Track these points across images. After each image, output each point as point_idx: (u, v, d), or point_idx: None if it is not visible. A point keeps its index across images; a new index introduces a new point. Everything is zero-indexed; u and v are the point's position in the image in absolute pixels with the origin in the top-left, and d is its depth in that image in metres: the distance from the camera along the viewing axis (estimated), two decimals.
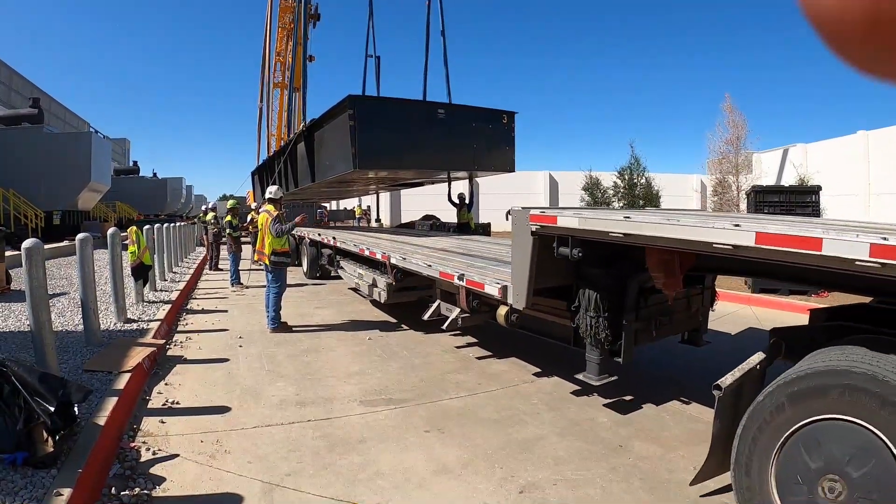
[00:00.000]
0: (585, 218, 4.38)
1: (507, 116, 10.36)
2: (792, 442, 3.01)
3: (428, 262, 7.04)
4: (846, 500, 2.77)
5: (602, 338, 4.94)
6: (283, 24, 20.71)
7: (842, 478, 2.79)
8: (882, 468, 2.64)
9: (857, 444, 2.75)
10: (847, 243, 2.82)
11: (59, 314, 8.56)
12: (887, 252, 2.66)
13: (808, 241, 2.97)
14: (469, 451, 4.43)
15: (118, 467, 4.08)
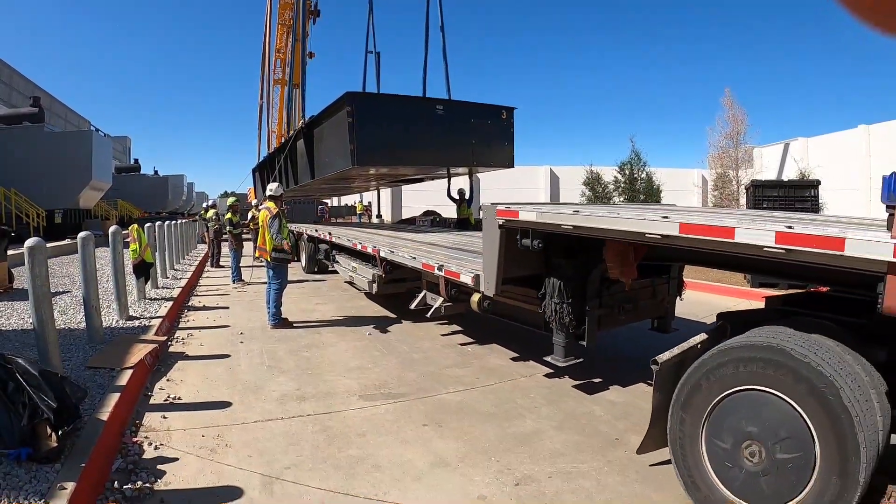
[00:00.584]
0: (542, 212, 4.81)
1: (506, 112, 10.38)
2: (717, 412, 3.33)
3: (413, 254, 7.51)
4: (765, 463, 3.09)
5: (566, 322, 5.31)
6: (282, 20, 20.71)
7: (760, 443, 3.11)
8: (793, 432, 2.95)
9: (772, 412, 3.06)
10: (756, 231, 3.19)
11: (62, 312, 8.61)
12: (790, 239, 3.01)
13: (723, 230, 3.35)
14: (467, 444, 4.49)
15: (121, 462, 4.13)
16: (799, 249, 3.00)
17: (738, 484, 3.25)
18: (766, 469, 3.11)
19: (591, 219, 4.34)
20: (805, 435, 2.93)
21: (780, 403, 3.04)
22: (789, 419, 3.00)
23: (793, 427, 2.98)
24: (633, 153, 24.74)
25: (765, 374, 3.09)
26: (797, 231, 3.00)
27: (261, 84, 22.55)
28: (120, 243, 8.78)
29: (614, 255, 4.88)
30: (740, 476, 3.23)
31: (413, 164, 10.27)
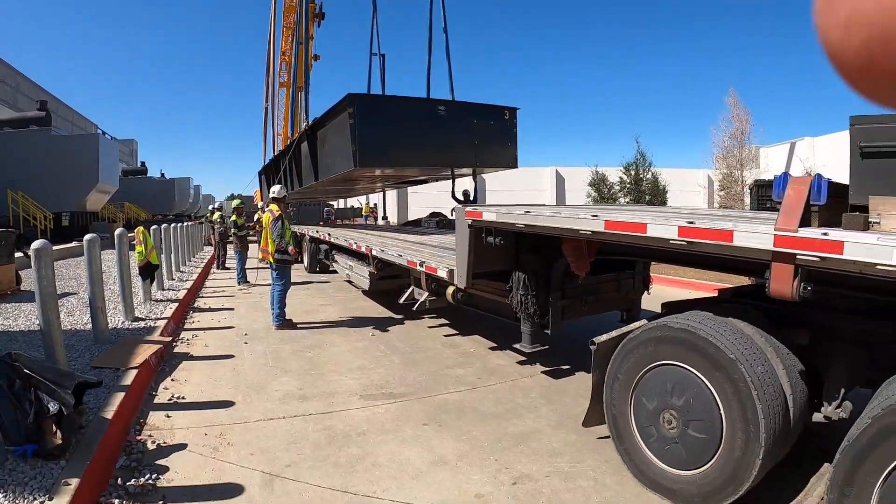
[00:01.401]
0: (501, 213, 5.39)
1: (508, 112, 10.35)
2: (640, 386, 3.84)
3: (401, 252, 8.18)
4: (678, 428, 3.56)
5: (531, 312, 5.83)
6: (287, 23, 20.75)
7: (673, 410, 3.58)
8: (701, 401, 3.41)
9: (682, 384, 3.53)
10: (663, 226, 3.66)
11: (69, 313, 8.70)
12: (689, 232, 3.48)
13: (638, 226, 3.83)
14: (466, 443, 4.53)
15: (125, 459, 4.20)
16: (698, 241, 3.46)
17: (662, 450, 3.69)
18: (681, 435, 3.55)
19: (538, 218, 4.90)
20: (711, 404, 3.36)
21: (689, 376, 3.50)
22: (697, 390, 3.45)
23: (700, 397, 3.43)
24: (638, 154, 24.76)
25: (675, 351, 3.58)
26: (696, 226, 3.45)
27: (266, 87, 22.63)
28: (126, 245, 8.85)
29: (570, 251, 5.35)
30: (663, 443, 3.68)
31: (416, 165, 10.27)
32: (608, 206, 6.99)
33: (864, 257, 2.67)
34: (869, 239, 2.68)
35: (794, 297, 3.05)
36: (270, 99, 22.34)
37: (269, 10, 21.20)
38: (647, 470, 3.80)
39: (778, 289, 3.10)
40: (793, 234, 2.96)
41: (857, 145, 3.21)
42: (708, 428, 3.40)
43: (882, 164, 3.12)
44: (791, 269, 3.03)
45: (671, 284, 11.73)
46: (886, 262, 2.59)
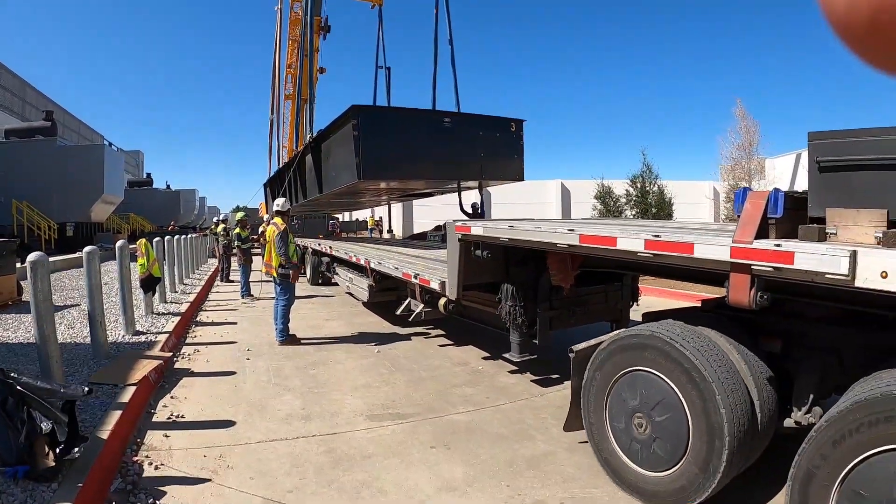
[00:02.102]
0: (487, 227, 5.69)
1: (515, 124, 10.20)
2: (613, 391, 4.02)
3: (397, 265, 8.39)
4: (649, 431, 3.72)
5: (519, 323, 6.06)
6: (293, 36, 20.75)
7: (643, 414, 3.76)
8: (669, 404, 3.58)
9: (652, 388, 3.71)
10: (631, 240, 3.90)
11: (69, 326, 8.57)
12: (655, 245, 3.71)
13: (609, 239, 4.09)
14: (475, 467, 4.35)
15: (120, 482, 4.05)
16: (662, 253, 3.69)
17: (635, 452, 3.86)
18: (652, 436, 3.71)
19: (520, 232, 5.19)
20: (678, 407, 3.54)
21: (658, 381, 3.68)
22: (665, 393, 3.63)
23: (668, 401, 3.60)
24: (644, 166, 24.48)
25: (645, 357, 3.77)
26: (661, 239, 3.69)
27: (272, 99, 22.64)
28: (127, 257, 8.72)
29: (555, 264, 5.68)
30: (635, 445, 3.85)
31: (420, 177, 10.11)
32: (587, 221, 7.31)
33: (813, 267, 2.83)
34: (818, 249, 2.84)
35: (751, 306, 3.22)
36: (276, 111, 22.37)
37: (275, 23, 21.21)
38: (621, 471, 3.97)
39: (736, 297, 3.28)
40: (748, 246, 3.16)
41: (814, 160, 3.29)
42: (676, 431, 3.57)
43: (838, 178, 3.21)
44: (748, 279, 3.21)
45: (663, 296, 11.74)
46: (834, 272, 2.73)
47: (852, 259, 2.68)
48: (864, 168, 3.09)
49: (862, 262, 2.68)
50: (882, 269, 2.62)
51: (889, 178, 2.97)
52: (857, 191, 3.10)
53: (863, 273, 2.68)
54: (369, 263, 9.47)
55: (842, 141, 3.20)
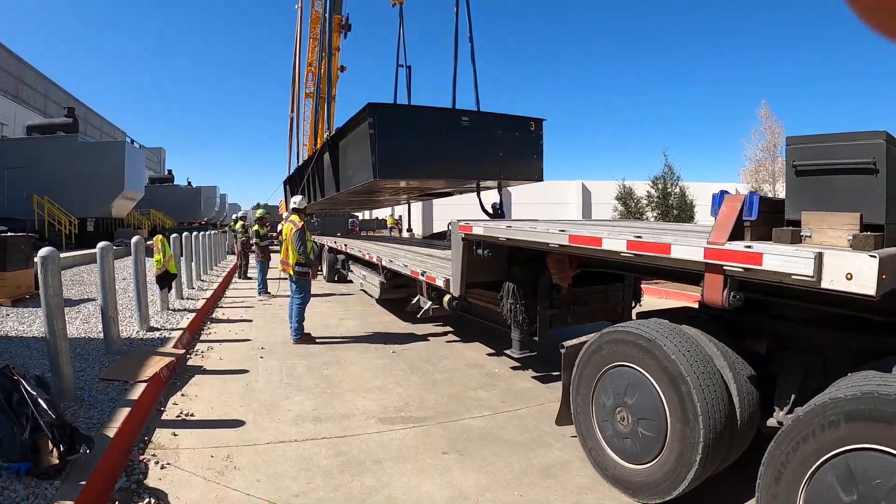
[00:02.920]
0: (487, 227, 5.93)
1: (534, 123, 10.07)
2: (599, 385, 4.16)
3: (407, 263, 8.68)
4: (631, 425, 3.85)
5: (520, 320, 6.22)
6: (314, 34, 20.76)
7: (625, 408, 3.89)
8: (648, 398, 3.71)
9: (633, 383, 3.85)
10: (615, 240, 4.09)
11: (84, 321, 8.56)
12: (636, 246, 3.91)
13: (595, 239, 4.28)
14: (489, 476, 4.21)
15: (124, 480, 3.98)
16: (643, 254, 3.87)
17: (618, 445, 4.00)
18: (633, 431, 3.84)
19: (517, 232, 5.41)
20: (657, 401, 3.65)
21: (639, 376, 3.81)
22: (646, 388, 3.76)
23: (648, 395, 3.73)
24: (666, 167, 24.13)
25: (628, 353, 3.91)
26: (642, 239, 3.87)
27: (292, 97, 22.65)
28: (143, 253, 8.70)
29: (554, 263, 5.80)
30: (618, 438, 3.98)
31: (437, 177, 9.98)
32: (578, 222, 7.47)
33: (780, 268, 2.95)
34: (786, 251, 2.95)
35: (724, 305, 3.36)
36: (296, 109, 22.39)
37: (296, 22, 21.22)
38: (605, 464, 4.10)
39: (710, 297, 3.42)
40: (720, 247, 3.29)
41: (791, 164, 3.34)
42: (655, 425, 3.68)
43: (814, 182, 3.26)
44: (721, 279, 3.34)
45: (667, 297, 11.67)
46: (800, 272, 2.84)
47: (818, 261, 2.79)
48: (838, 172, 3.14)
49: (828, 264, 2.79)
50: (847, 271, 2.72)
51: (862, 182, 3.03)
52: (832, 194, 3.16)
53: (828, 274, 2.79)
54: (381, 261, 9.68)
55: (818, 145, 3.25)
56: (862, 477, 2.55)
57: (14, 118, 34.66)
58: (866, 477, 2.54)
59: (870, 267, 2.62)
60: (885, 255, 2.66)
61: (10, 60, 39.64)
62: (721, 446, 3.46)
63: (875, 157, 2.96)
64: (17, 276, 10.21)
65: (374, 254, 10.43)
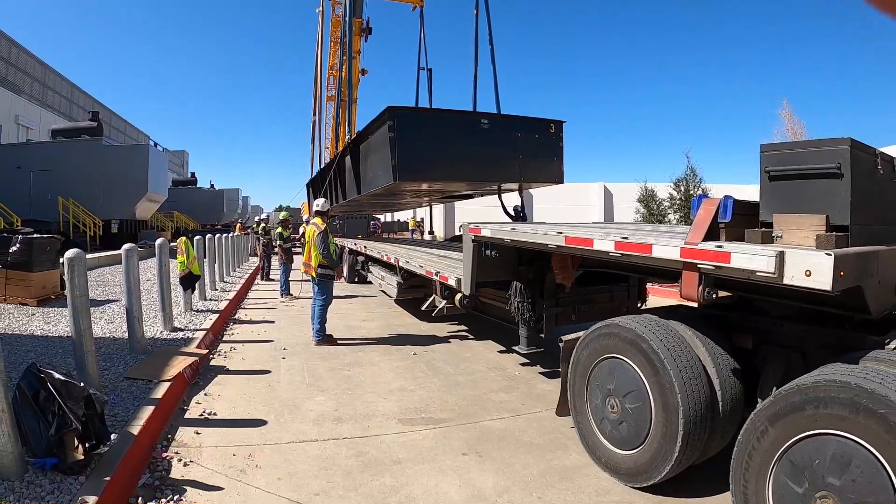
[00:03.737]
0: (494, 229, 6.19)
1: (554, 125, 10.00)
2: (592, 376, 4.46)
3: (422, 263, 9.02)
4: (619, 413, 4.12)
5: (527, 317, 6.54)
6: (335, 38, 20.80)
7: (615, 397, 4.16)
8: (634, 387, 3.98)
9: (622, 373, 4.12)
10: (604, 241, 4.40)
11: (109, 321, 8.68)
12: (622, 246, 4.21)
13: (587, 241, 4.61)
14: (507, 477, 4.21)
15: (148, 477, 4.04)
16: (629, 253, 4.16)
17: (608, 432, 4.26)
18: (622, 419, 4.10)
19: (519, 234, 5.74)
20: (643, 391, 3.91)
21: (627, 367, 4.08)
22: (632, 379, 4.02)
23: (635, 385, 3.98)
24: (688, 169, 23.94)
25: (616, 346, 4.20)
26: (628, 240, 4.16)
27: (314, 100, 22.75)
28: (166, 255, 8.80)
29: (557, 263, 6.09)
30: (609, 426, 4.24)
31: (457, 179, 9.94)
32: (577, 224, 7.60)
33: (746, 265, 3.18)
34: (751, 250, 3.19)
35: (700, 300, 3.60)
36: (318, 112, 22.45)
37: (317, 26, 21.33)
38: (597, 448, 4.36)
39: (687, 293, 3.67)
40: (694, 247, 3.54)
41: (764, 169, 3.56)
42: (640, 413, 3.93)
43: (785, 186, 3.48)
44: (696, 276, 3.59)
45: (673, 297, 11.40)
46: (763, 269, 3.07)
47: (779, 259, 3.02)
48: (807, 177, 3.36)
49: (789, 262, 3.01)
50: (806, 268, 2.93)
51: (828, 186, 3.26)
52: (802, 197, 3.39)
53: (790, 271, 3.00)
54: (398, 262, 10.04)
55: (788, 152, 3.53)
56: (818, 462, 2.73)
57: (39, 122, 35.36)
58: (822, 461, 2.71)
59: (826, 264, 2.83)
60: (840, 254, 2.88)
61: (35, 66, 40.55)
62: (702, 435, 3.67)
63: (840, 162, 3.19)
64: (44, 276, 10.37)
65: (392, 255, 10.73)
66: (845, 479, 2.62)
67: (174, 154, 55.61)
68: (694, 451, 3.70)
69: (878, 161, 3.57)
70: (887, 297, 3.51)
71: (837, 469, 2.65)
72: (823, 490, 2.68)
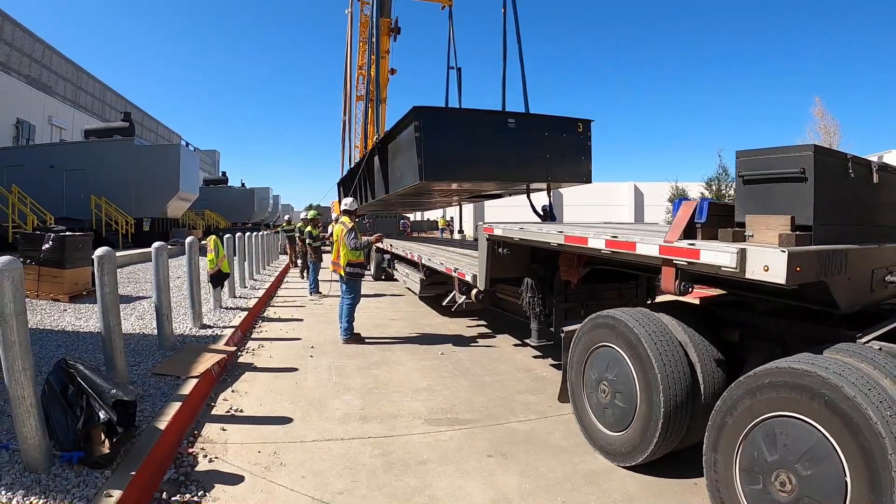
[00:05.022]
0: (505, 229, 6.57)
1: (582, 125, 9.91)
2: (587, 363, 4.84)
3: (443, 261, 9.52)
4: (610, 396, 4.48)
5: (537, 312, 6.98)
6: (363, 38, 20.87)
7: (606, 383, 4.53)
8: (622, 373, 4.36)
9: (612, 360, 4.50)
10: (597, 239, 4.73)
11: (139, 317, 8.78)
12: (612, 244, 4.54)
13: (582, 239, 4.97)
14: (531, 480, 4.15)
15: (173, 472, 4.07)
16: (618, 251, 4.50)
17: (601, 415, 4.62)
18: (611, 402, 4.46)
19: (526, 233, 6.12)
20: (630, 377, 4.26)
21: (617, 355, 4.43)
22: (621, 366, 4.37)
23: (623, 372, 4.34)
24: (720, 168, 23.70)
25: (608, 335, 4.56)
26: (617, 239, 4.50)
27: (344, 100, 22.86)
28: (196, 253, 8.86)
29: (565, 261, 6.40)
30: (601, 409, 4.62)
31: (484, 178, 9.87)
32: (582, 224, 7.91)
33: (712, 261, 3.50)
34: (718, 247, 3.50)
35: (676, 293, 3.95)
36: (348, 112, 22.55)
37: (347, 26, 21.42)
38: (591, 430, 4.72)
39: (666, 286, 4.01)
40: (671, 245, 3.89)
41: (739, 174, 3.86)
42: (628, 397, 4.29)
43: (757, 189, 3.74)
44: (673, 271, 3.94)
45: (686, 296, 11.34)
46: (727, 265, 3.37)
47: (741, 255, 3.32)
48: (776, 181, 3.61)
49: (749, 258, 3.31)
50: (764, 264, 3.22)
51: (794, 189, 3.51)
52: (772, 200, 3.64)
53: (750, 266, 3.30)
54: (420, 259, 10.69)
55: (760, 158, 3.73)
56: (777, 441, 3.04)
57: (72, 123, 36.12)
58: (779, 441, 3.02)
59: (781, 260, 3.11)
60: (795, 251, 3.16)
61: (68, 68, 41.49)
62: (683, 419, 4.00)
63: (804, 167, 3.45)
64: (75, 273, 10.50)
65: (415, 253, 11.46)
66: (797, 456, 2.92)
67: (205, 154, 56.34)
68: (674, 434, 4.02)
69: (850, 165, 3.79)
70: (860, 294, 3.81)
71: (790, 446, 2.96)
72: (782, 467, 2.97)
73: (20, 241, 11.34)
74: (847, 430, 2.72)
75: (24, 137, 31.52)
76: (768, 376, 3.11)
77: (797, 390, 2.95)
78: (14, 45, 35.11)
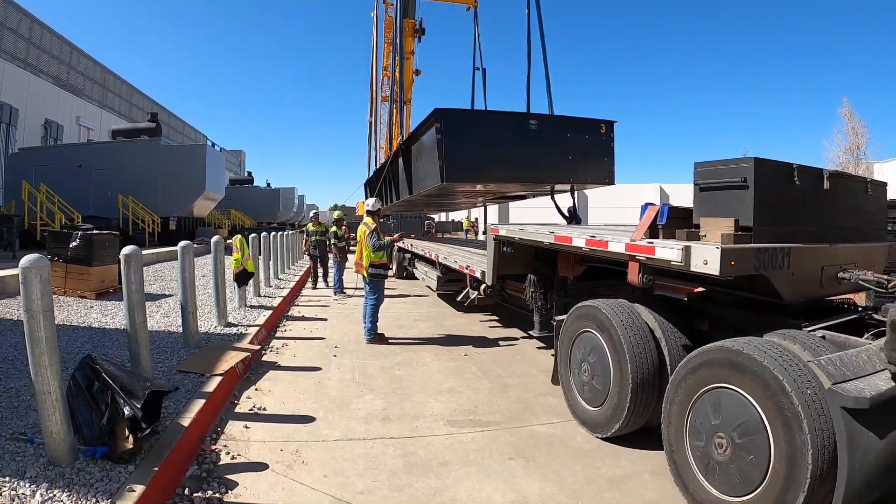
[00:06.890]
0: (508, 229, 7.15)
1: (605, 126, 9.84)
2: (573, 347, 5.44)
3: (457, 259, 10.09)
4: (589, 377, 5.10)
5: (539, 305, 7.62)
6: (388, 38, 20.88)
7: (587, 363, 5.14)
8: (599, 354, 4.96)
9: (590, 343, 5.12)
10: (579, 238, 5.32)
11: (165, 315, 8.86)
12: (590, 243, 5.12)
13: (568, 238, 5.55)
14: (553, 484, 4.11)
15: (195, 469, 4.09)
16: (595, 249, 5.06)
17: (584, 393, 5.22)
18: (591, 380, 5.07)
19: (524, 233, 6.65)
20: (606, 358, 4.84)
21: (596, 339, 5.02)
22: (599, 349, 4.96)
23: (600, 354, 4.93)
24: None
25: (589, 322, 5.14)
26: (595, 238, 5.08)
27: (370, 101, 22.91)
28: (222, 252, 8.93)
29: (561, 258, 6.99)
30: (582, 388, 5.24)
31: (505, 180, 9.82)
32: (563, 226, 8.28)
33: (664, 256, 4.06)
34: (668, 244, 4.04)
35: (640, 285, 4.57)
36: (374, 113, 22.60)
37: (372, 28, 21.49)
38: (575, 406, 5.35)
39: (632, 279, 4.60)
40: (634, 242, 4.47)
41: (695, 182, 4.39)
42: (604, 377, 4.87)
43: (710, 195, 4.28)
44: (637, 266, 4.53)
45: None
46: (674, 259, 3.92)
47: (686, 251, 3.85)
48: (724, 188, 4.15)
49: (693, 254, 3.80)
50: (703, 259, 3.70)
51: (738, 195, 4.04)
52: (721, 204, 4.17)
53: (694, 261, 3.79)
54: (437, 258, 11.29)
55: (711, 168, 4.27)
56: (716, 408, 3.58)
57: (100, 123, 36.69)
58: (717, 408, 3.57)
59: (715, 255, 3.61)
60: (729, 248, 3.67)
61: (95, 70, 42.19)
62: (650, 397, 4.52)
63: (745, 176, 3.98)
64: (102, 270, 10.64)
65: (433, 252, 12.05)
66: (731, 421, 3.45)
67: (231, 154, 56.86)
68: (642, 410, 4.56)
69: (795, 173, 4.26)
70: (808, 287, 4.34)
71: (726, 412, 3.50)
72: (720, 431, 3.51)
73: (48, 239, 11.56)
74: (766, 395, 3.25)
75: (52, 137, 32.15)
76: (710, 353, 3.68)
77: (728, 364, 3.52)
78: (42, 47, 35.77)
